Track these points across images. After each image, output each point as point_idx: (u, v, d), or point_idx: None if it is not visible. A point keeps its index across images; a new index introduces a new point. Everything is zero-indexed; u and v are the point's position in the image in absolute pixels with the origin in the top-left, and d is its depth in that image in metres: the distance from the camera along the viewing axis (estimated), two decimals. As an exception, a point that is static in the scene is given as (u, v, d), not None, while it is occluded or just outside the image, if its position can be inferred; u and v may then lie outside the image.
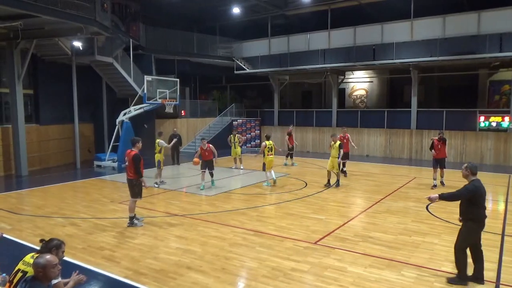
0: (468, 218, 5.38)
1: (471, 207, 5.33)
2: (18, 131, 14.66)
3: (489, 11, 16.93)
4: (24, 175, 14.67)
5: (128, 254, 6.64)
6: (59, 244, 3.80)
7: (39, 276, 3.17)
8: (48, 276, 3.19)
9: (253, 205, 10.05)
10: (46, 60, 16.94)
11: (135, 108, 17.09)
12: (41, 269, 3.16)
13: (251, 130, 23.90)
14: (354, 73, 24.99)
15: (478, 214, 5.34)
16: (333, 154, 12.04)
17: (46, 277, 3.18)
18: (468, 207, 5.35)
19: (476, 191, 5.28)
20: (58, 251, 3.76)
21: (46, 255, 3.26)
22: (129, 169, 8.21)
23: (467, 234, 5.40)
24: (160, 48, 21.36)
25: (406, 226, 8.16)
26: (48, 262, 3.19)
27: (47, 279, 3.20)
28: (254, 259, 6.38)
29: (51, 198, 10.90)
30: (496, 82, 20.57)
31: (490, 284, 5.45)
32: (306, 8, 21.78)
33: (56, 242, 3.79)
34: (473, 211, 5.33)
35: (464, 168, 5.47)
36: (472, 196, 5.29)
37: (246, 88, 27.87)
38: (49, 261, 3.20)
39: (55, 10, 12.21)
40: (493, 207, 10.58)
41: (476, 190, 5.28)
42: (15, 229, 8.05)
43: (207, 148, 12.20)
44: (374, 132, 20.46)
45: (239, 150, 16.20)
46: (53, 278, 3.25)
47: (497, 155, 17.36)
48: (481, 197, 5.32)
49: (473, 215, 5.34)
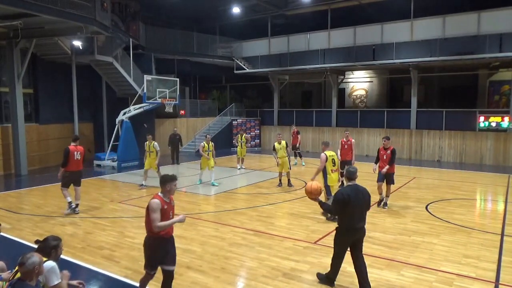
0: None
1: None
2: (17, 131, 14.66)
3: (489, 11, 16.94)
4: (23, 174, 14.67)
5: (127, 254, 6.64)
6: (56, 244, 3.84)
7: (25, 277, 3.17)
8: (32, 277, 3.18)
9: (253, 204, 10.05)
10: (46, 60, 16.94)
11: (135, 107, 17.10)
12: (27, 269, 3.17)
13: (250, 130, 23.91)
14: (354, 73, 25.00)
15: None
16: (281, 154, 12.12)
17: (31, 277, 3.18)
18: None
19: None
20: (57, 250, 3.78)
21: (31, 256, 3.25)
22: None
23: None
24: (160, 48, 21.36)
25: (406, 226, 8.16)
26: (33, 263, 3.20)
27: (33, 279, 3.19)
28: (254, 258, 6.38)
29: (50, 198, 10.90)
30: (496, 82, 20.57)
31: (490, 284, 5.45)
32: (306, 8, 21.79)
33: (54, 243, 3.81)
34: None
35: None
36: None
37: (246, 88, 27.88)
38: (34, 262, 3.21)
39: (55, 9, 12.21)
40: (493, 207, 10.60)
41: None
42: (14, 228, 8.05)
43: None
44: (374, 132, 20.46)
45: (244, 150, 16.24)
46: (39, 275, 3.24)
47: (496, 155, 17.37)
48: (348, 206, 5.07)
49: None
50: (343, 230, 5.18)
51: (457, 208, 9.60)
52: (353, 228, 5.12)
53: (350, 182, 5.22)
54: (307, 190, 5.43)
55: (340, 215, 5.18)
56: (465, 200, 10.58)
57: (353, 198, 5.02)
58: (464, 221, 8.43)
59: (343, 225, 5.18)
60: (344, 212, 5.06)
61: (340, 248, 5.28)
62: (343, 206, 5.02)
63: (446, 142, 18.57)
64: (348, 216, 5.06)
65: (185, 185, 13.04)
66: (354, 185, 5.19)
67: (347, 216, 5.06)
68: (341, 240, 5.23)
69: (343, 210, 5.04)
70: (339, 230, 5.24)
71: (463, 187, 12.39)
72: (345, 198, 5.00)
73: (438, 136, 18.73)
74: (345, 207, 5.01)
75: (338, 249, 5.29)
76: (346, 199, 4.99)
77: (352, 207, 5.02)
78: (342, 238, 5.21)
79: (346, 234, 5.17)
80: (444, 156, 18.61)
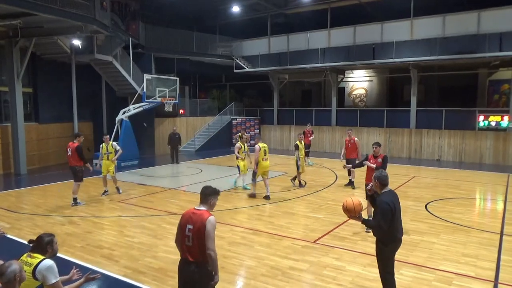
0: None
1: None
2: (17, 130, 14.66)
3: (489, 11, 16.94)
4: (23, 174, 14.67)
5: (127, 253, 6.64)
6: (50, 240, 3.74)
7: (7, 286, 3.03)
8: (15, 285, 3.05)
9: (252, 204, 10.06)
10: (45, 59, 16.93)
11: (135, 106, 17.10)
12: (7, 279, 3.01)
13: (250, 129, 23.90)
14: (353, 72, 24.99)
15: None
16: (302, 154, 11.98)
17: (14, 286, 3.04)
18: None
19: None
20: (52, 245, 3.74)
21: (10, 264, 3.09)
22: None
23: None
24: (160, 47, 21.35)
25: (405, 225, 8.05)
26: (13, 271, 3.04)
27: (16, 287, 3.07)
28: (253, 258, 6.39)
29: (50, 197, 10.91)
30: (496, 81, 20.56)
31: (489, 283, 5.46)
32: (306, 7, 21.79)
33: (47, 239, 3.72)
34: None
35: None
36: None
37: (245, 87, 27.85)
38: (14, 270, 3.05)
39: (54, 9, 12.21)
40: (492, 206, 10.60)
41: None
42: (14, 227, 8.05)
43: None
44: (374, 131, 20.46)
45: None
46: (22, 281, 3.13)
47: (496, 155, 17.37)
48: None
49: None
50: (391, 243, 4.56)
51: (456, 207, 9.60)
52: (398, 239, 4.61)
53: (385, 188, 4.60)
54: (345, 208, 4.52)
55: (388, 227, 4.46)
56: (464, 199, 10.58)
57: (397, 205, 4.51)
58: (463, 220, 8.43)
59: (390, 237, 4.52)
60: (391, 222, 4.43)
61: (391, 266, 4.64)
62: (392, 216, 4.41)
63: (446, 141, 18.58)
64: (394, 226, 4.48)
65: (185, 184, 13.05)
66: (390, 190, 4.63)
67: (393, 226, 4.47)
68: (391, 256, 4.61)
69: (391, 220, 4.43)
70: (385, 243, 4.55)
71: (463, 186, 12.39)
72: (391, 207, 4.40)
73: (438, 135, 18.74)
74: (392, 216, 4.42)
75: (390, 267, 4.64)
76: (393, 208, 4.42)
77: (397, 216, 4.49)
78: (392, 253, 4.60)
79: (395, 247, 4.60)
80: (443, 155, 18.62)
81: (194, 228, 3.74)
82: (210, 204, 3.96)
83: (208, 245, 3.69)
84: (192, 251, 3.77)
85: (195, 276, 3.76)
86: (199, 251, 3.73)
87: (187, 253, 3.81)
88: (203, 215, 3.78)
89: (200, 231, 3.71)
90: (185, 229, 3.81)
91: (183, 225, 3.87)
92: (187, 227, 3.81)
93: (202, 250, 3.70)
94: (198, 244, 3.72)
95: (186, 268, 3.84)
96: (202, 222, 3.73)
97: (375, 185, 4.63)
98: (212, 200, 3.95)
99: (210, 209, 3.95)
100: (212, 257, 3.71)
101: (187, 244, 3.80)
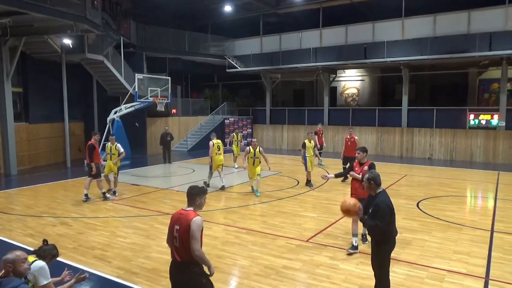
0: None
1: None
2: (7, 130, 14.47)
3: (479, 10, 17.14)
4: (13, 174, 14.49)
5: (120, 254, 6.59)
6: (56, 253, 3.93)
7: (10, 272, 3.18)
8: (18, 271, 3.18)
9: (246, 203, 10.05)
10: (35, 58, 16.73)
11: (126, 106, 16.99)
12: (11, 263, 3.17)
13: (243, 129, 23.89)
14: (345, 72, 25.09)
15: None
16: (310, 153, 12.02)
17: (16, 272, 3.17)
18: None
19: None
20: (53, 258, 3.89)
21: (15, 251, 3.28)
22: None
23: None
24: (152, 46, 21.23)
25: (397, 223, 8.09)
26: (17, 257, 3.21)
27: (18, 275, 3.18)
28: (247, 257, 6.38)
29: (41, 198, 10.78)
30: (486, 80, 20.82)
31: (480, 279, 5.52)
32: (298, 7, 21.84)
33: (55, 252, 3.90)
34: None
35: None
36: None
37: (238, 86, 27.85)
38: (18, 256, 3.22)
39: (44, 7, 12.05)
40: (483, 204, 10.72)
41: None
42: (5, 229, 7.95)
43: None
44: (366, 130, 20.57)
45: (239, 149, 16.25)
46: (24, 273, 3.24)
47: (486, 153, 17.58)
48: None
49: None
50: (388, 244, 4.54)
51: (448, 205, 9.69)
52: (394, 238, 4.59)
53: (380, 188, 4.55)
54: (344, 209, 4.54)
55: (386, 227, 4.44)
56: (455, 197, 10.68)
57: (392, 206, 4.51)
58: (455, 218, 8.52)
59: (387, 237, 4.50)
60: (389, 223, 4.43)
61: (387, 266, 4.59)
62: (390, 216, 4.43)
63: (437, 140, 18.75)
64: (391, 226, 4.51)
65: (177, 184, 13.00)
66: (384, 190, 4.61)
67: (390, 226, 4.49)
68: (387, 257, 4.56)
69: (390, 220, 4.44)
70: (383, 243, 4.50)
71: (454, 184, 12.52)
72: (390, 207, 4.42)
73: (429, 134, 18.90)
74: (391, 216, 4.45)
75: (386, 268, 4.59)
76: (391, 207, 4.44)
77: (394, 215, 4.53)
78: (387, 254, 4.56)
79: (391, 247, 4.58)
80: (435, 154, 18.79)
81: (181, 228, 3.72)
82: (197, 204, 3.88)
83: (191, 246, 3.66)
84: (179, 252, 3.76)
85: (184, 277, 3.77)
86: (185, 252, 3.71)
87: (175, 254, 3.80)
88: (189, 216, 3.74)
89: (185, 231, 3.68)
90: (173, 230, 3.79)
91: (171, 226, 3.85)
92: (175, 227, 3.78)
93: (189, 250, 3.68)
94: (185, 244, 3.69)
95: (175, 269, 3.86)
96: (187, 222, 3.69)
97: (368, 187, 4.56)
98: (199, 199, 3.87)
99: (198, 208, 3.90)
100: (198, 257, 3.69)
101: (175, 245, 3.78)
